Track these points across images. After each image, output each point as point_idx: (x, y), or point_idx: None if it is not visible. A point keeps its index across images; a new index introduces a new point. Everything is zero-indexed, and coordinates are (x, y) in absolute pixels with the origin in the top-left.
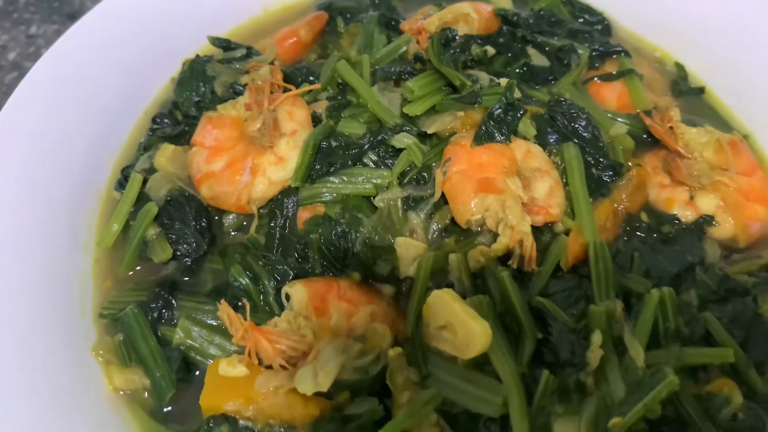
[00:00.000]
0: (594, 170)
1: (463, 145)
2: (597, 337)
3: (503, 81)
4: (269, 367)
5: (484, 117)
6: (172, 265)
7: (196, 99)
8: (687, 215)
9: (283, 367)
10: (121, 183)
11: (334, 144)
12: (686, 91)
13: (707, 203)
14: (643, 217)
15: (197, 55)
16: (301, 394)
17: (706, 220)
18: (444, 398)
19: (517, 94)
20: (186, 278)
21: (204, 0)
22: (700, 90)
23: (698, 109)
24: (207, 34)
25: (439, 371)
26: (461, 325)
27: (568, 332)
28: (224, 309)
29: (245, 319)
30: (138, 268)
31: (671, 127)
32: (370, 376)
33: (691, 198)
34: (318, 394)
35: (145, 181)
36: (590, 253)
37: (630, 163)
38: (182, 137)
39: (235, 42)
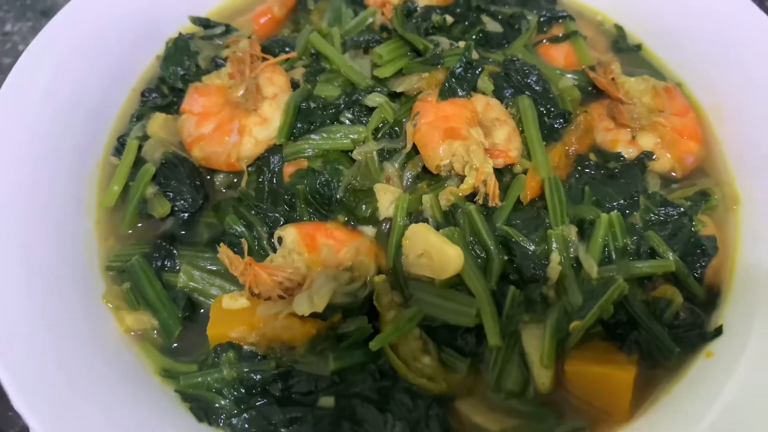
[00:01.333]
0: (546, 119)
1: (429, 101)
2: (555, 256)
3: (462, 44)
4: (267, 300)
5: (446, 75)
6: (170, 221)
7: (182, 73)
8: (630, 152)
9: (280, 297)
10: (118, 150)
11: (312, 105)
12: (625, 49)
13: (647, 141)
14: (592, 156)
15: (180, 33)
16: (299, 317)
17: (647, 156)
18: (425, 314)
19: (475, 55)
20: (183, 232)
21: None
22: (638, 47)
23: (636, 63)
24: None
25: (419, 292)
26: (436, 251)
27: (530, 254)
28: (224, 251)
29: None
30: (138, 225)
31: (613, 79)
32: (359, 299)
33: (633, 138)
34: (313, 315)
35: (140, 147)
36: (545, 186)
37: (578, 112)
38: (171, 107)
39: (214, 21)
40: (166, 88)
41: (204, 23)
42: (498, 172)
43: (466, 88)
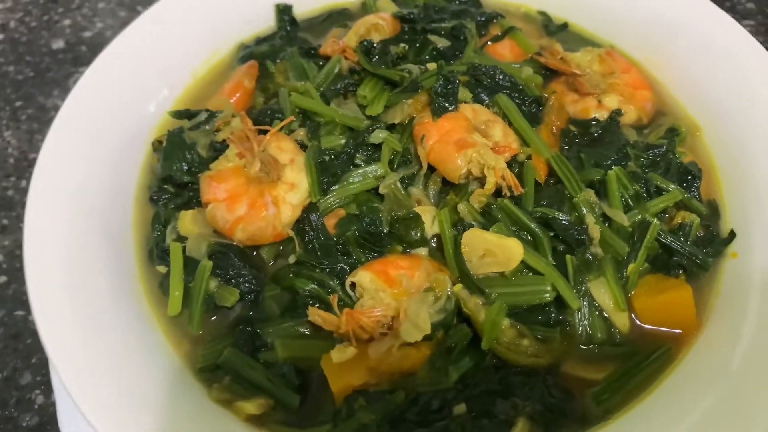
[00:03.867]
0: (524, 107)
1: (427, 122)
2: (589, 218)
3: (430, 65)
4: (371, 341)
5: (431, 96)
6: (238, 307)
7: (186, 167)
8: (602, 114)
9: (382, 334)
10: (160, 257)
11: (327, 159)
12: (555, 30)
13: (611, 101)
14: (572, 128)
15: (170, 131)
16: (412, 344)
17: (617, 113)
18: (509, 305)
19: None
20: (252, 313)
21: (144, 83)
22: (564, 25)
23: (569, 39)
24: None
25: (496, 288)
26: (498, 247)
27: (568, 224)
28: (314, 312)
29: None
30: (208, 321)
31: (562, 58)
32: (450, 312)
33: (599, 102)
34: (423, 338)
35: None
36: (553, 164)
37: (546, 94)
38: (190, 203)
39: (193, 109)
40: (171, 186)
41: (186, 114)
42: (508, 165)
43: (452, 101)
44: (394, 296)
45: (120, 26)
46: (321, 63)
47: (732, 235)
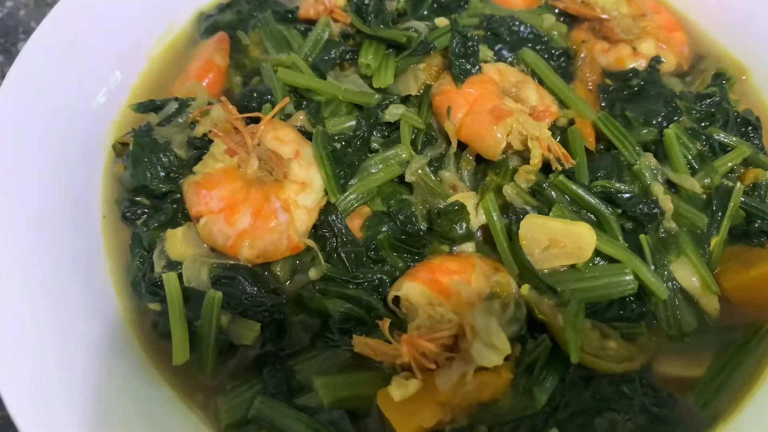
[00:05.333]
0: (552, 62)
1: (449, 90)
2: (657, 187)
3: (438, 21)
4: (437, 368)
5: (449, 57)
6: (258, 342)
7: (162, 173)
8: (640, 63)
9: (448, 359)
10: (150, 290)
11: (338, 146)
12: None
13: (648, 47)
14: (608, 82)
15: (135, 129)
16: (489, 369)
17: (656, 60)
18: (587, 302)
19: None
20: (277, 347)
21: (93, 73)
22: None
23: None
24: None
25: (568, 284)
26: (566, 236)
27: (633, 197)
28: (360, 341)
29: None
30: (223, 364)
31: (583, 1)
32: (522, 320)
33: (634, 49)
34: None
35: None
36: (601, 126)
37: (574, 46)
38: (176, 218)
39: (160, 99)
40: (146, 198)
41: (151, 107)
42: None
43: (474, 62)
44: (453, 309)
45: (36, 3)
46: (303, 29)
47: None
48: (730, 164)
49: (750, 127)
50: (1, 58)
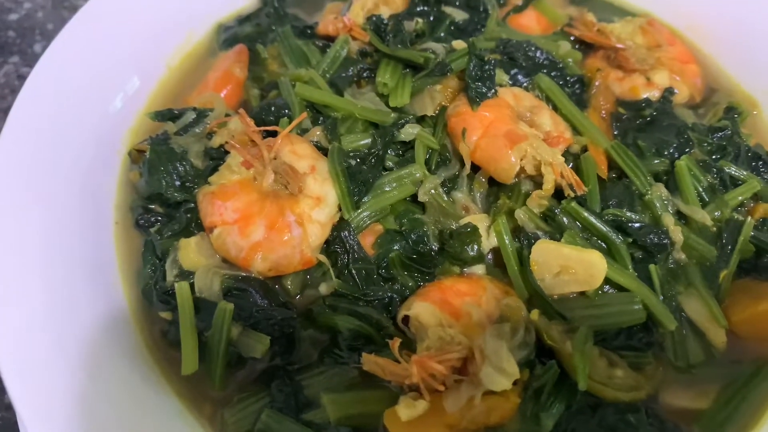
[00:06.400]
0: (566, 89)
1: (464, 112)
2: (668, 218)
3: (456, 44)
4: (446, 390)
5: (466, 80)
6: (267, 355)
7: (178, 182)
8: (654, 94)
9: (456, 381)
10: (161, 299)
11: (353, 163)
12: None
13: (662, 78)
14: (621, 110)
15: (151, 138)
16: (497, 393)
17: (669, 91)
18: (594, 330)
19: None
20: (285, 361)
21: (111, 78)
22: None
23: (597, 8)
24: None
25: (578, 311)
26: (577, 262)
27: (644, 227)
28: (370, 360)
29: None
30: (232, 375)
31: (599, 30)
32: (532, 345)
33: (648, 79)
34: None
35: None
36: (614, 155)
37: (588, 73)
38: (189, 227)
39: (177, 108)
40: (160, 206)
41: (169, 115)
42: None
43: (490, 86)
44: (463, 332)
45: (53, 5)
46: (321, 45)
47: None
48: (740, 198)
49: (761, 162)
50: (17, 58)
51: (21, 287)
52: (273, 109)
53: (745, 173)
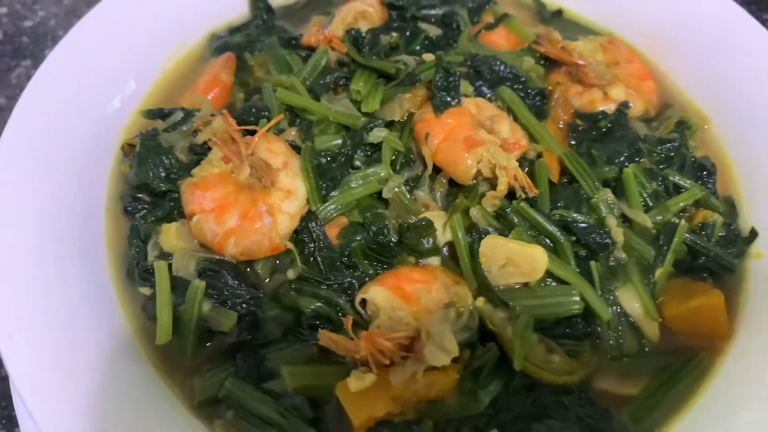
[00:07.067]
0: (528, 101)
1: (429, 118)
2: (611, 220)
3: (427, 57)
4: (392, 365)
5: (432, 89)
6: (235, 330)
7: (163, 173)
8: (609, 107)
9: (403, 357)
10: (142, 276)
11: (323, 161)
12: (549, 17)
13: (618, 92)
14: (579, 122)
15: (142, 133)
16: (438, 368)
17: (624, 105)
18: (535, 318)
19: None
20: (252, 336)
21: (111, 80)
22: (559, 12)
23: (564, 27)
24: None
25: (520, 300)
26: (521, 256)
27: (588, 227)
28: (326, 336)
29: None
30: (202, 347)
31: (562, 47)
32: (474, 329)
33: (605, 94)
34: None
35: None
36: (566, 161)
37: (549, 87)
38: (172, 214)
39: (167, 108)
40: (147, 195)
41: (160, 114)
42: (517, 163)
43: (454, 96)
44: (412, 314)
45: (64, 15)
46: (304, 54)
47: (754, 233)
48: (681, 204)
49: (705, 172)
50: (29, 62)
51: (16, 264)
52: (254, 110)
53: (688, 182)
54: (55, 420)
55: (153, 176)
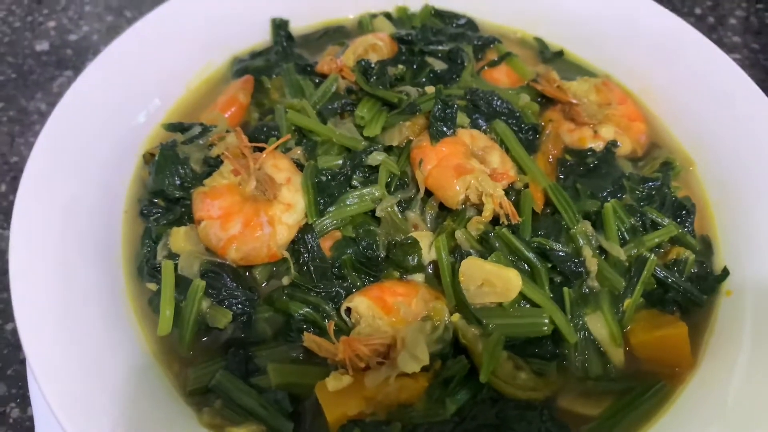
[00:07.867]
0: (521, 135)
1: (425, 146)
2: (587, 250)
3: (428, 89)
4: (368, 369)
5: (430, 119)
6: (230, 328)
7: (178, 181)
8: (598, 145)
9: (379, 363)
10: (150, 273)
11: (323, 179)
12: (550, 57)
13: (607, 132)
14: (568, 157)
15: (162, 144)
16: (409, 375)
17: (612, 144)
18: (506, 336)
19: None
20: (245, 335)
21: (137, 97)
22: (560, 53)
23: (564, 67)
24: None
25: (493, 319)
26: (497, 277)
27: (565, 256)
28: (310, 338)
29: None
30: (199, 342)
31: (558, 86)
32: (448, 342)
33: (595, 132)
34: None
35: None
36: (550, 194)
37: (542, 123)
38: (182, 219)
39: (187, 122)
40: (163, 201)
41: (179, 128)
42: (504, 192)
43: (450, 126)
44: (391, 324)
45: (106, 31)
46: (317, 81)
47: (725, 272)
48: (657, 240)
49: (684, 211)
50: (71, 72)
51: (39, 260)
52: (265, 129)
53: (666, 220)
54: (63, 395)
55: (168, 183)
